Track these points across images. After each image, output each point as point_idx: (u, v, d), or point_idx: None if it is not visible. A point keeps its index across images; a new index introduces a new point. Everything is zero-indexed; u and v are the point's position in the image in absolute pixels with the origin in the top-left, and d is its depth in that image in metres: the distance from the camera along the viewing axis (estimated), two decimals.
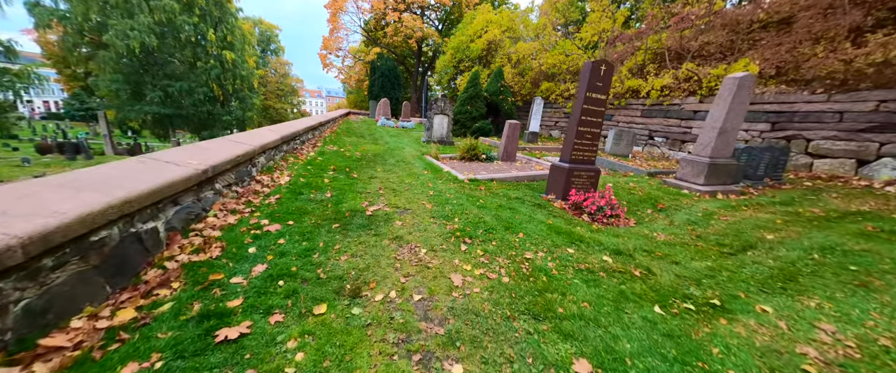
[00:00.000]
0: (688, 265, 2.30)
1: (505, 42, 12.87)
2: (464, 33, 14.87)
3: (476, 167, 5.49)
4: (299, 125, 5.75)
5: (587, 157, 3.69)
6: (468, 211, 3.06)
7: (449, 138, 8.79)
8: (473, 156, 5.99)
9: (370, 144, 7.28)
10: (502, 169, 5.40)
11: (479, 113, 10.91)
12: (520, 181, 4.61)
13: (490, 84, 11.45)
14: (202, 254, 1.88)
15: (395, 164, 5.18)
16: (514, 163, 6.08)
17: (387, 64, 19.75)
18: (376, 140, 8.19)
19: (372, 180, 4.00)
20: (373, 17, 21.77)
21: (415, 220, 2.78)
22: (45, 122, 39.64)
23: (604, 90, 3.53)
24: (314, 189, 3.34)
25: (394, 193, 3.53)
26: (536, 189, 4.23)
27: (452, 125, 9.03)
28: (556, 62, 10.90)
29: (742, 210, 3.64)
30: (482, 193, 3.83)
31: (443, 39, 22.37)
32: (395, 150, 6.71)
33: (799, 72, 5.98)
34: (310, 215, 2.63)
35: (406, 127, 13.11)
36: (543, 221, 2.95)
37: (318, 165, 4.48)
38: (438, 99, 8.44)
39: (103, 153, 24.67)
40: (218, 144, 3.05)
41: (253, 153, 3.23)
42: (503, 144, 6.09)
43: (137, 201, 1.64)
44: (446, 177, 4.46)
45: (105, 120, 24.52)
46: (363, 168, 4.65)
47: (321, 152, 5.51)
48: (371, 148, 6.67)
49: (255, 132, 4.13)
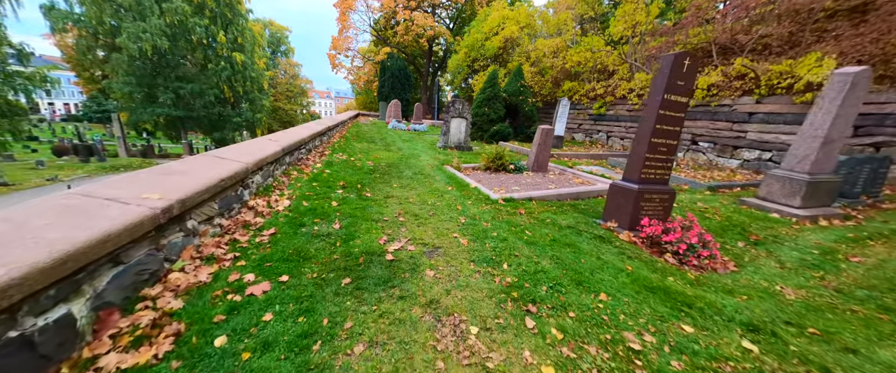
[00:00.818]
0: (873, 356, 1.52)
1: (523, 39, 12.08)
2: (478, 31, 14.13)
3: (505, 180, 4.75)
4: (305, 132, 5.14)
5: (660, 175, 2.92)
6: (516, 250, 2.34)
7: (467, 144, 8.08)
8: (500, 166, 5.26)
9: (383, 151, 6.63)
10: (537, 183, 4.65)
11: (498, 115, 10.16)
12: (562, 200, 3.86)
13: (509, 84, 10.68)
14: (141, 351, 1.22)
15: (412, 177, 4.49)
16: (546, 174, 5.32)
17: (397, 64, 19.18)
18: (389, 146, 7.54)
19: (388, 201, 3.32)
20: (382, 16, 21.24)
21: (450, 267, 2.07)
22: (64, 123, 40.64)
23: (686, 91, 2.76)
24: (319, 217, 2.68)
25: (417, 221, 2.83)
26: (586, 211, 3.47)
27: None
28: (582, 60, 10.06)
29: (868, 244, 2.81)
30: (524, 218, 3.10)
31: (454, 38, 21.67)
32: (410, 158, 6.04)
33: (889, 67, 5.02)
34: (311, 262, 1.96)
35: (418, 130, 12.45)
36: (620, 268, 2.21)
37: (325, 180, 3.83)
38: (456, 101, 7.73)
39: (117, 155, 24.92)
40: (198, 164, 2.41)
41: (244, 173, 2.59)
42: (534, 152, 5.33)
43: (27, 283, 0.98)
44: (475, 195, 3.75)
45: (119, 122, 24.72)
46: (377, 183, 3.98)
47: (329, 163, 4.88)
48: (384, 156, 6.01)
49: (250, 144, 3.50)
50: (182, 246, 1.83)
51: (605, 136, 10.17)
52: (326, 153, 5.70)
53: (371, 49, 24.16)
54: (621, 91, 9.24)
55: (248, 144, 3.48)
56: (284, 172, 3.86)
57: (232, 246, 2.06)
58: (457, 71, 15.87)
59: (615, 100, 9.72)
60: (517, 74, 10.65)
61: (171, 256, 1.75)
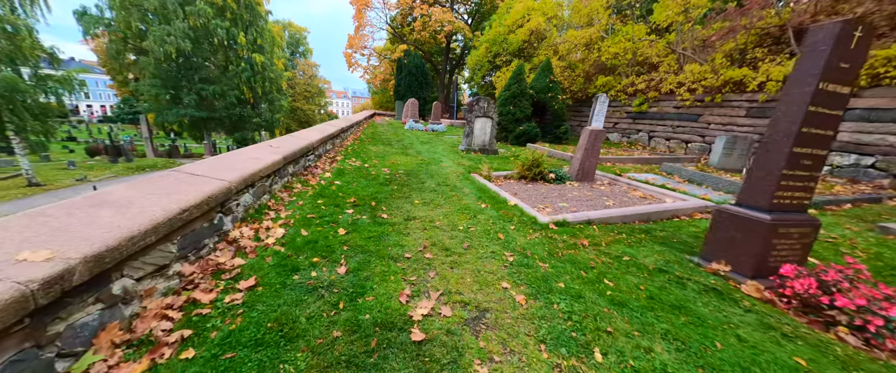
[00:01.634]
0: None
1: (550, 31, 11.09)
2: (500, 24, 13.23)
3: (547, 193, 3.94)
4: (314, 136, 4.53)
5: (799, 200, 2.03)
6: (603, 318, 1.55)
7: (492, 146, 7.28)
8: (538, 175, 4.44)
9: (400, 156, 5.95)
10: (588, 199, 3.80)
11: (524, 114, 9.27)
12: (628, 221, 3.02)
13: (536, 80, 9.76)
14: None
15: (436, 189, 3.77)
16: (594, 185, 4.44)
17: (414, 61, 18.55)
18: (406, 149, 6.86)
19: (410, 226, 2.61)
20: (399, 13, 20.68)
21: (511, 356, 1.32)
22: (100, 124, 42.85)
23: (850, 78, 1.86)
24: (320, 254, 2.00)
25: (449, 258, 2.10)
26: (669, 242, 2.62)
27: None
28: (620, 51, 8.98)
29: None
30: (590, 253, 2.30)
31: (473, 34, 20.80)
32: (430, 164, 5.32)
33: None
34: (298, 346, 1.27)
35: (437, 130, 11.75)
36: (785, 360, 1.37)
37: (333, 195, 3.18)
38: (480, 99, 6.95)
39: (145, 155, 25.86)
40: (155, 187, 1.77)
41: (224, 195, 1.95)
42: (580, 158, 4.47)
43: None
44: (516, 216, 2.97)
45: (146, 123, 25.63)
46: (395, 199, 3.28)
47: (340, 171, 4.24)
48: (401, 161, 5.33)
49: (241, 154, 2.88)
50: (98, 326, 1.17)
51: (646, 136, 9.06)
52: (338, 159, 5.09)
53: (387, 47, 23.71)
54: (668, 85, 8.12)
55: (239, 154, 2.85)
56: (286, 186, 3.23)
57: (186, 314, 1.40)
58: (476, 67, 15.03)
59: (660, 96, 8.59)
60: (545, 69, 9.70)
61: (74, 346, 1.09)
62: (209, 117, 24.82)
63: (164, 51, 20.41)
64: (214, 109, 24.74)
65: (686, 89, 7.76)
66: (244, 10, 24.08)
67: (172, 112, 23.60)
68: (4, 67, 13.08)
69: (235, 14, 23.77)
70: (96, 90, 48.18)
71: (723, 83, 7.04)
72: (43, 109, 14.46)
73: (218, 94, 24.08)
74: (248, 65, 24.39)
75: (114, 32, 21.07)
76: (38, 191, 13.74)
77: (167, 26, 20.51)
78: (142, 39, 21.06)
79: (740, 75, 6.76)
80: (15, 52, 12.97)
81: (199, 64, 23.88)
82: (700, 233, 2.83)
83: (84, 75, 54.84)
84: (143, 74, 21.96)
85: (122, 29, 20.62)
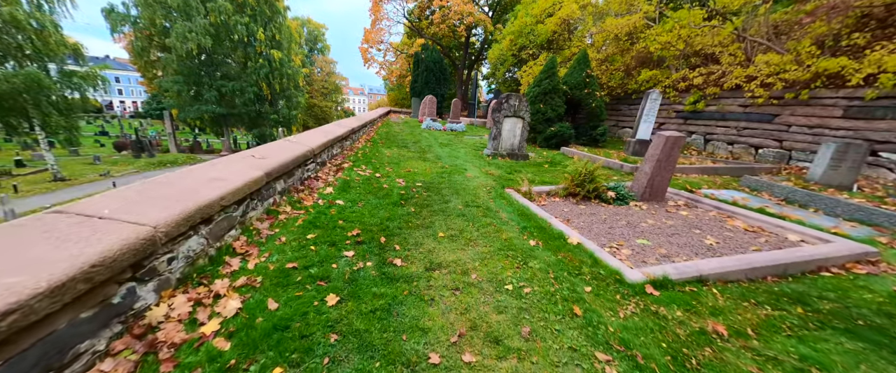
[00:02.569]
0: None
1: (586, 20, 9.87)
2: (527, 14, 12.09)
3: (610, 220, 2.97)
4: (315, 140, 3.75)
5: None
6: None
7: (522, 150, 6.31)
8: (592, 193, 3.47)
9: (417, 161, 5.12)
10: (671, 230, 2.80)
11: (556, 113, 8.21)
12: (755, 277, 2.02)
13: (570, 74, 8.64)
14: None
15: (464, 212, 2.90)
16: (666, 206, 3.42)
17: (433, 56, 17.68)
18: (424, 152, 6.02)
19: (433, 284, 1.75)
20: (417, 6, 19.83)
21: None
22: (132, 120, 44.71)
23: None
24: (287, 363, 1.17)
25: (502, 363, 1.23)
26: (850, 323, 1.62)
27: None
28: (672, 40, 7.71)
29: None
30: (740, 355, 1.36)
31: (495, 27, 19.65)
32: (453, 172, 4.45)
33: None
34: None
35: (456, 130, 10.87)
36: None
37: (330, 225, 2.37)
38: (510, 96, 5.98)
39: (167, 151, 26.48)
40: (29, 229, 0.99)
41: (133, 253, 1.16)
42: (649, 171, 3.45)
43: None
44: (587, 265, 2.05)
45: (170, 119, 26.19)
46: (411, 230, 2.44)
47: (345, 185, 3.44)
48: (419, 169, 4.49)
49: (197, 173, 2.08)
50: None
51: (702, 139, 7.77)
52: (345, 166, 4.31)
53: (404, 42, 22.97)
54: (733, 79, 6.82)
55: (196, 172, 2.07)
56: (269, 210, 2.45)
57: None
58: (499, 62, 13.96)
59: (721, 92, 7.29)
60: (581, 62, 8.56)
61: None
62: (229, 114, 25.07)
63: (185, 47, 20.59)
64: (234, 106, 24.94)
65: (758, 84, 6.45)
66: (264, 6, 24.00)
67: (193, 108, 23.95)
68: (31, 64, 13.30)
69: (255, 10, 23.74)
70: (129, 87, 50.47)
71: (813, 76, 5.71)
72: (68, 105, 14.68)
73: (237, 90, 24.22)
74: (266, 61, 24.37)
75: (139, 29, 21.47)
76: (62, 186, 14.00)
77: (188, 23, 20.64)
78: (165, 36, 21.34)
79: (837, 66, 5.43)
80: (41, 49, 13.14)
81: (219, 61, 24.07)
82: (886, 303, 1.81)
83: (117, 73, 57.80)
84: (166, 71, 22.32)
85: (147, 25, 20.95)
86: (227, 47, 24.00)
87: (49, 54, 13.48)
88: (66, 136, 15.36)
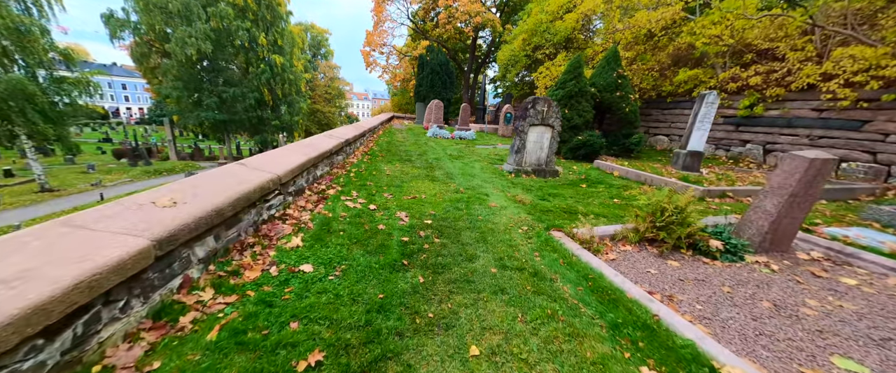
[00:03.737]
0: None
1: (612, 14, 8.77)
2: (542, 10, 11.07)
3: (737, 291, 1.84)
4: (287, 163, 2.71)
5: None
6: None
7: (551, 165, 5.22)
8: (684, 241, 2.34)
9: (424, 181, 4.05)
10: (868, 323, 1.66)
11: (583, 119, 7.09)
12: None
13: (598, 75, 7.54)
14: None
15: (501, 285, 1.80)
16: (802, 263, 2.28)
17: (438, 58, 16.76)
18: (432, 169, 4.95)
19: None
20: (421, 7, 18.98)
21: None
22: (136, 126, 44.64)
23: None
24: None
25: None
26: None
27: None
28: (723, 33, 6.56)
29: None
30: None
31: (503, 28, 18.68)
32: (472, 201, 3.36)
33: None
34: None
35: (465, 138, 9.81)
36: None
37: (271, 335, 1.29)
38: (537, 100, 4.91)
39: (167, 158, 25.90)
40: None
41: None
42: (772, 212, 2.31)
43: None
44: None
45: (170, 125, 25.64)
46: (417, 338, 1.34)
47: (324, 227, 2.38)
48: (427, 194, 3.41)
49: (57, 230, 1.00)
50: None
51: (761, 150, 6.57)
52: (331, 192, 3.25)
53: (408, 44, 22.13)
54: (804, 79, 5.66)
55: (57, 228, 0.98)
56: (164, 307, 1.38)
57: None
58: (509, 63, 12.92)
59: (787, 93, 6.12)
60: (611, 61, 7.47)
61: None
62: (230, 120, 24.44)
63: (186, 53, 20.03)
64: (235, 112, 24.32)
65: (839, 83, 5.28)
66: (265, 11, 23.45)
67: (193, 115, 23.37)
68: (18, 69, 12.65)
69: (256, 15, 23.20)
70: (135, 93, 50.68)
71: None
72: (58, 113, 13.98)
73: (238, 96, 23.61)
74: (267, 66, 23.75)
75: (140, 35, 21.00)
76: (48, 197, 13.23)
77: (188, 28, 20.10)
78: (166, 42, 20.84)
79: None
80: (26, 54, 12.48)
81: (220, 66, 23.52)
82: None
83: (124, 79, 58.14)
84: (167, 76, 21.79)
85: (147, 31, 20.47)
86: (228, 53, 23.47)
87: (36, 59, 12.79)
88: (59, 144, 14.68)
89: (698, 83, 7.58)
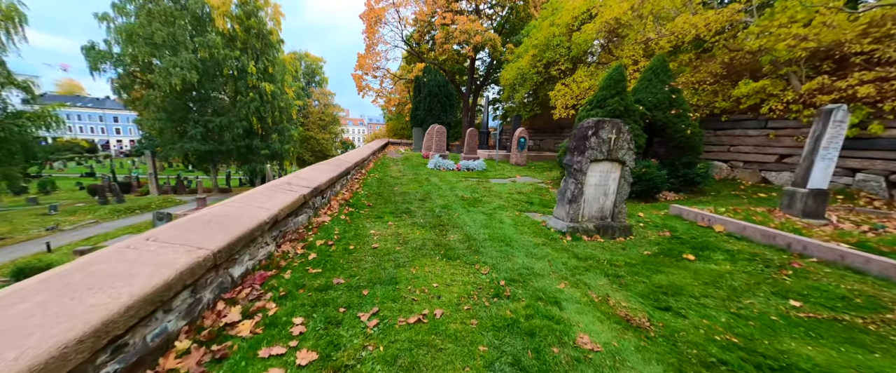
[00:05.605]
0: None
1: (644, 20, 7.45)
2: (552, 23, 9.89)
3: None
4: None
5: None
6: None
7: (620, 218, 3.47)
8: None
9: (434, 259, 2.23)
10: None
11: (636, 146, 5.46)
12: None
13: (643, 89, 6.02)
14: None
15: None
16: None
17: (436, 79, 15.57)
18: (443, 230, 3.16)
19: None
20: (416, 30, 18.15)
21: None
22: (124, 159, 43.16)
23: None
24: None
25: None
26: None
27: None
28: (809, 34, 5.09)
29: None
30: None
31: (504, 47, 17.77)
32: (532, 314, 1.52)
33: None
34: None
35: (474, 169, 8.14)
36: None
37: None
38: (602, 123, 3.26)
39: (147, 193, 24.01)
40: None
41: None
42: None
43: None
44: None
45: (152, 158, 24.06)
46: None
47: None
48: (445, 298, 1.58)
49: None
50: None
51: (883, 181, 4.89)
52: (290, 270, 1.43)
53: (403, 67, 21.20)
54: None
55: None
56: None
57: None
58: (518, 82, 11.61)
59: None
60: (658, 72, 5.98)
61: None
62: (216, 150, 22.94)
63: (169, 83, 18.90)
64: (222, 142, 22.88)
65: None
66: (255, 40, 22.74)
67: (176, 146, 21.89)
68: None
69: (246, 43, 22.46)
70: (126, 126, 49.80)
71: None
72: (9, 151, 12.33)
73: (225, 125, 22.28)
74: (256, 94, 22.65)
75: (122, 66, 19.97)
76: None
77: (173, 58, 19.11)
78: (150, 72, 19.77)
79: None
80: None
81: (206, 96, 22.38)
82: None
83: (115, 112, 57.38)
84: (147, 108, 20.52)
85: (130, 62, 19.44)
86: (218, 82, 22.46)
87: None
88: (6, 182, 12.89)
89: (766, 97, 6.06)
